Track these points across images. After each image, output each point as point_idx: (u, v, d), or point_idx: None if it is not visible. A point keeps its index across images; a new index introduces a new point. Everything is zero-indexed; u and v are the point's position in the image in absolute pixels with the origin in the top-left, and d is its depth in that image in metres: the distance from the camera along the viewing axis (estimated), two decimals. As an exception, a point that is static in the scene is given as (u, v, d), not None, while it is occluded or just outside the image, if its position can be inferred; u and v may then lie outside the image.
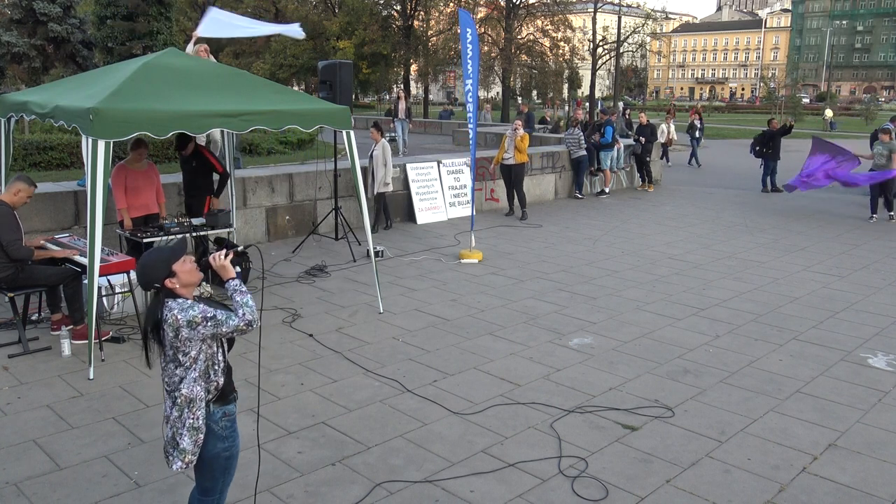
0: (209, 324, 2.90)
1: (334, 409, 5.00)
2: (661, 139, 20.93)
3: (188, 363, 2.93)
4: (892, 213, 12.81)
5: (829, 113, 40.98)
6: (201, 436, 2.98)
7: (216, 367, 3.01)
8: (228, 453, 3.10)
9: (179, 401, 2.95)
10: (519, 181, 12.39)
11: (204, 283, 6.31)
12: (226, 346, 3.10)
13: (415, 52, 45.88)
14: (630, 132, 18.24)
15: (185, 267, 3.01)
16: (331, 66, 9.73)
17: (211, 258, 3.09)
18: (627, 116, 23.93)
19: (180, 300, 2.96)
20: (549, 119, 26.86)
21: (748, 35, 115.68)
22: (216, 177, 8.31)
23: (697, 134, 22.45)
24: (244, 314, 2.94)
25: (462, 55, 9.29)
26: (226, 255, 3.09)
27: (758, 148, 16.64)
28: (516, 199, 12.51)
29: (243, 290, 3.03)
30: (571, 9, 46.75)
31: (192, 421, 2.96)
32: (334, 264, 9.00)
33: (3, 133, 7.17)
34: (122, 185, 7.15)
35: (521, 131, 12.08)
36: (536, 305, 7.49)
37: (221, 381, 3.03)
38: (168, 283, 2.97)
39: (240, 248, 3.68)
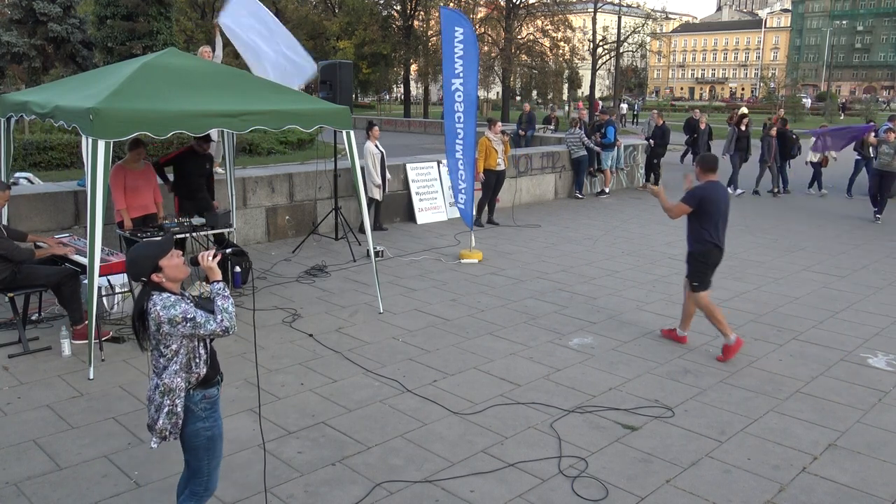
0: (188, 324, 3.01)
1: (334, 409, 5.00)
2: (813, 158, 16.16)
3: (169, 355, 3.05)
4: (878, 214, 12.83)
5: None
6: (178, 420, 3.10)
7: (198, 360, 3.11)
8: (210, 433, 3.18)
9: (161, 388, 3.07)
10: (501, 187, 11.84)
11: (204, 283, 6.33)
12: (208, 339, 3.17)
13: (415, 52, 45.94)
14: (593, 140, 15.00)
15: (172, 262, 3.11)
16: (331, 66, 9.72)
17: (200, 257, 3.18)
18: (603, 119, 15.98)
19: (165, 295, 3.05)
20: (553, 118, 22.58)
21: (748, 35, 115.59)
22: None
23: (873, 152, 14.12)
24: (222, 320, 3.05)
25: (444, 53, 9.05)
26: (213, 257, 3.17)
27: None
28: (487, 204, 11.83)
29: (226, 294, 3.13)
30: (571, 9, 46.84)
31: (170, 407, 3.07)
32: (334, 264, 9.00)
33: (3, 133, 7.18)
34: (121, 186, 7.12)
35: (505, 136, 11.66)
36: (536, 305, 7.49)
37: (203, 371, 3.12)
38: (155, 277, 3.08)
39: (229, 251, 3.70)
